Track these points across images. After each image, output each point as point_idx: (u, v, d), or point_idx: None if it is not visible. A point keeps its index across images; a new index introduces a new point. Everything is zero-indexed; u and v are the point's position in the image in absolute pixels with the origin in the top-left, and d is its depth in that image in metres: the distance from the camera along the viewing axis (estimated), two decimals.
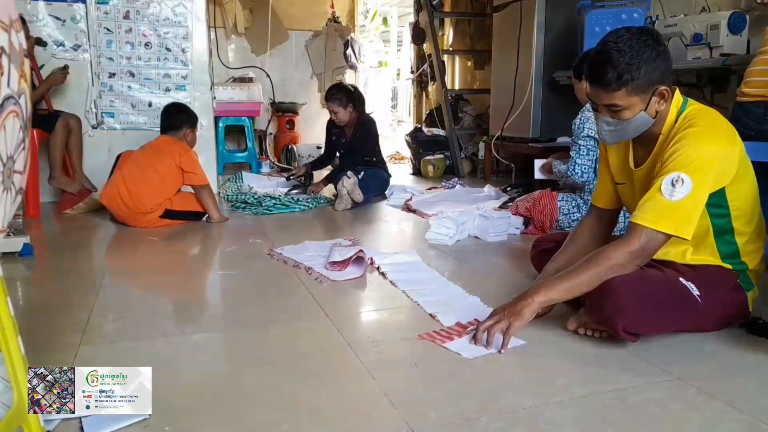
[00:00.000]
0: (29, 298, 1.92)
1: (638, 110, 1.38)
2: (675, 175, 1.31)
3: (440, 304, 1.69)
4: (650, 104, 1.38)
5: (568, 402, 1.15)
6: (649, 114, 1.39)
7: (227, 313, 1.78)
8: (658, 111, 1.40)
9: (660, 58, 1.35)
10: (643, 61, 1.32)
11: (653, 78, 1.35)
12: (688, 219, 1.32)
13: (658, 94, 1.38)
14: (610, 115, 1.41)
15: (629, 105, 1.37)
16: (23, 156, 0.91)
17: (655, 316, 1.37)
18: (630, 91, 1.35)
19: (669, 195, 1.31)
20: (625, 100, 1.36)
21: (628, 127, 1.41)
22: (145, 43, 3.62)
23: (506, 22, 4.31)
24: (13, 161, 0.87)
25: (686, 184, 1.30)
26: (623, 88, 1.34)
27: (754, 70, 2.14)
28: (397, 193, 3.61)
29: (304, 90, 6.05)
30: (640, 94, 1.36)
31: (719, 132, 1.38)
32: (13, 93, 0.85)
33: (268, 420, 1.10)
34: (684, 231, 1.32)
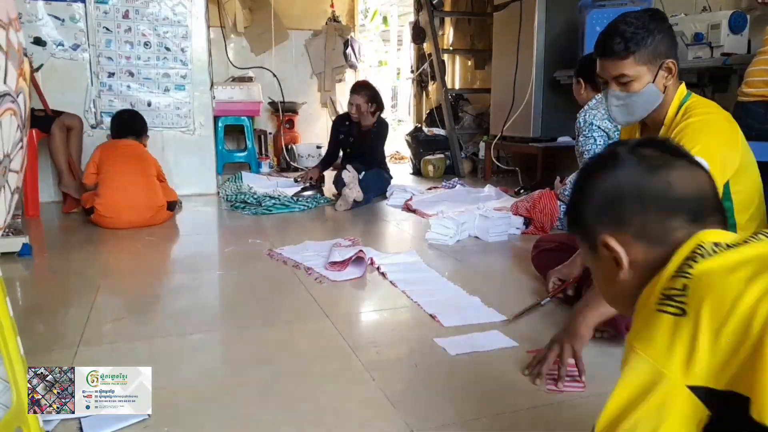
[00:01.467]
0: (28, 298, 1.92)
1: (646, 81, 1.39)
2: None
3: (440, 305, 1.68)
4: (658, 77, 1.39)
5: (569, 403, 1.15)
6: (657, 87, 1.40)
7: (227, 313, 1.78)
8: (666, 87, 1.41)
9: (666, 33, 1.38)
10: (649, 31, 1.36)
11: (660, 50, 1.38)
12: None
13: (665, 68, 1.39)
14: (619, 87, 1.42)
15: (637, 75, 1.38)
16: (20, 156, 0.91)
17: None
18: (638, 60, 1.37)
19: None
20: (633, 69, 1.38)
21: (638, 100, 1.42)
22: (145, 43, 3.62)
23: (507, 21, 4.31)
24: (10, 160, 0.86)
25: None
26: (631, 56, 1.37)
27: (755, 69, 2.14)
28: (397, 193, 3.60)
29: (303, 89, 6.05)
30: (648, 64, 1.38)
31: (719, 123, 1.39)
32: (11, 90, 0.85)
33: (268, 420, 1.09)
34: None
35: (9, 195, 0.89)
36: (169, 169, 3.76)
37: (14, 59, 0.86)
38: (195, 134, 3.80)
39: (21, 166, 0.92)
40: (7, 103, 0.84)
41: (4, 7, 0.82)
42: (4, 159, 0.84)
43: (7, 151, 0.85)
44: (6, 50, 0.83)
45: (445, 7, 5.77)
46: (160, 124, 3.71)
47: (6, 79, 0.83)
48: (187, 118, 3.76)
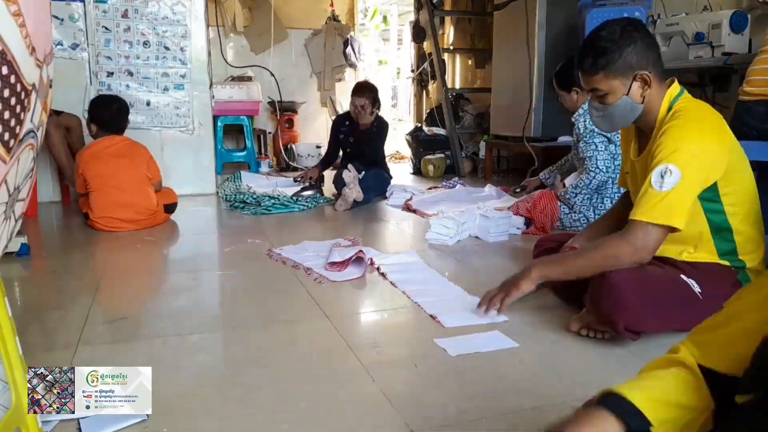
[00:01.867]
0: (27, 298, 1.91)
1: (620, 95, 1.42)
2: (663, 167, 1.33)
3: (441, 305, 1.68)
4: (632, 89, 1.42)
5: (569, 403, 1.14)
6: (633, 99, 1.43)
7: (226, 313, 1.77)
8: (644, 97, 1.43)
9: (638, 44, 1.40)
10: (618, 45, 1.39)
11: (631, 62, 1.40)
12: (679, 208, 1.33)
13: (639, 79, 1.41)
14: (596, 100, 1.47)
15: (610, 89, 1.42)
16: (29, 184, 0.90)
17: (657, 313, 1.36)
18: (608, 75, 1.41)
19: (659, 187, 1.33)
20: (605, 84, 1.42)
21: (614, 112, 1.46)
22: (144, 42, 3.61)
23: (507, 20, 4.31)
24: (19, 191, 0.86)
25: (674, 174, 1.32)
26: (600, 71, 1.41)
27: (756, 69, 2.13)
28: (397, 193, 3.60)
29: (303, 89, 6.05)
30: (619, 78, 1.41)
31: (704, 125, 1.39)
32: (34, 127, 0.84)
33: (268, 420, 1.09)
34: (676, 220, 1.33)
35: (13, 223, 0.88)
36: (168, 169, 3.76)
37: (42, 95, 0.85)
38: (194, 134, 3.79)
39: (28, 193, 0.92)
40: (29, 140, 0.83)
41: (42, 44, 0.81)
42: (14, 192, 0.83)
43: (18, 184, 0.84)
44: (38, 89, 0.82)
45: (445, 7, 5.77)
46: (159, 123, 3.70)
47: (33, 118, 0.82)
48: (186, 117, 3.76)
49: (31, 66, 0.79)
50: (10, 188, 0.82)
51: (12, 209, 0.85)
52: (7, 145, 0.75)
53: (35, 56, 0.79)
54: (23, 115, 0.78)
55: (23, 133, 0.79)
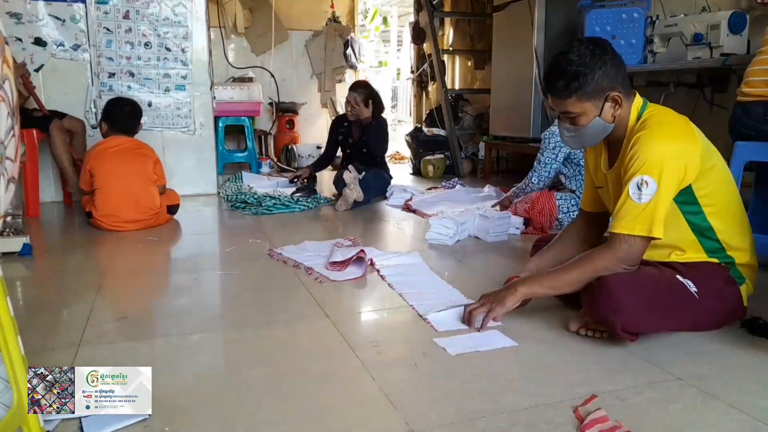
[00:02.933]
0: (29, 298, 1.92)
1: (593, 116, 1.44)
2: (638, 178, 1.36)
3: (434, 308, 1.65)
4: (604, 110, 1.43)
5: (569, 402, 1.15)
6: (605, 119, 1.44)
7: (227, 313, 1.78)
8: (615, 116, 1.45)
9: (608, 66, 1.41)
10: (590, 69, 1.39)
11: (602, 85, 1.41)
12: (658, 218, 1.36)
13: (611, 100, 1.43)
14: (568, 122, 1.47)
15: (582, 111, 1.43)
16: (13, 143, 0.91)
17: (653, 314, 1.37)
18: (580, 98, 1.41)
19: (637, 199, 1.36)
20: (577, 107, 1.43)
21: (586, 132, 1.47)
22: (145, 43, 3.62)
23: (506, 21, 4.31)
24: (4, 147, 0.86)
25: (651, 185, 1.34)
26: (573, 95, 1.41)
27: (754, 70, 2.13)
28: (397, 193, 3.60)
29: (303, 90, 6.06)
30: (591, 100, 1.42)
31: (672, 130, 1.41)
32: None
33: (268, 420, 1.10)
34: (657, 231, 1.36)
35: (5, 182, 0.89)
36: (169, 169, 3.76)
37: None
38: (195, 134, 3.80)
39: (15, 155, 0.92)
40: None
41: None
42: None
43: (0, 138, 0.85)
44: None
45: (445, 8, 5.77)
46: (160, 124, 3.71)
47: None
48: (188, 118, 3.77)
49: None
50: None
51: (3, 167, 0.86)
52: None
53: None
54: None
55: None
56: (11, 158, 0.90)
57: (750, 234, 1.52)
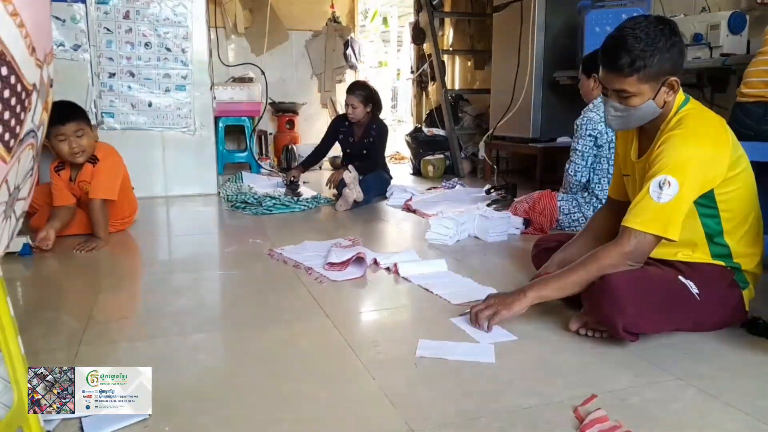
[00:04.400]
0: (29, 298, 1.92)
1: (647, 98, 1.39)
2: (662, 177, 1.34)
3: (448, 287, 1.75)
4: (659, 94, 1.39)
5: (568, 402, 1.15)
6: (657, 104, 1.41)
7: (227, 313, 1.78)
8: (666, 102, 1.42)
9: (674, 49, 1.36)
10: (658, 49, 1.34)
11: (665, 68, 1.36)
12: (675, 220, 1.35)
13: (668, 85, 1.39)
14: (618, 100, 1.42)
15: (639, 92, 1.38)
16: (29, 183, 0.90)
17: (655, 314, 1.37)
18: (641, 79, 1.36)
19: (657, 197, 1.34)
20: (635, 87, 1.38)
21: (635, 114, 1.43)
22: (145, 43, 3.62)
23: (506, 22, 4.31)
24: (19, 190, 0.86)
25: (673, 187, 1.33)
26: (635, 74, 1.36)
27: (753, 70, 2.14)
28: (397, 193, 3.60)
29: (304, 90, 6.06)
30: (650, 83, 1.37)
31: (707, 135, 1.39)
32: (35, 126, 0.84)
33: (268, 420, 1.10)
34: (671, 232, 1.35)
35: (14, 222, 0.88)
36: (169, 170, 3.78)
37: (43, 95, 0.85)
38: (195, 134, 3.80)
39: (29, 193, 0.92)
40: (29, 140, 0.83)
41: (42, 44, 0.82)
42: (14, 191, 0.84)
43: (17, 184, 0.84)
44: (39, 89, 0.82)
45: (444, 8, 5.77)
46: (160, 124, 3.71)
47: (34, 118, 0.82)
48: (188, 118, 3.77)
49: (31, 66, 0.79)
50: (11, 187, 0.82)
51: (12, 208, 0.86)
52: (7, 145, 0.76)
53: (35, 56, 0.80)
54: (23, 115, 0.79)
55: (23, 133, 0.80)
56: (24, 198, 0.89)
57: (762, 243, 1.50)
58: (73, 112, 2.41)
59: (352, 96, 3.61)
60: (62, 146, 2.38)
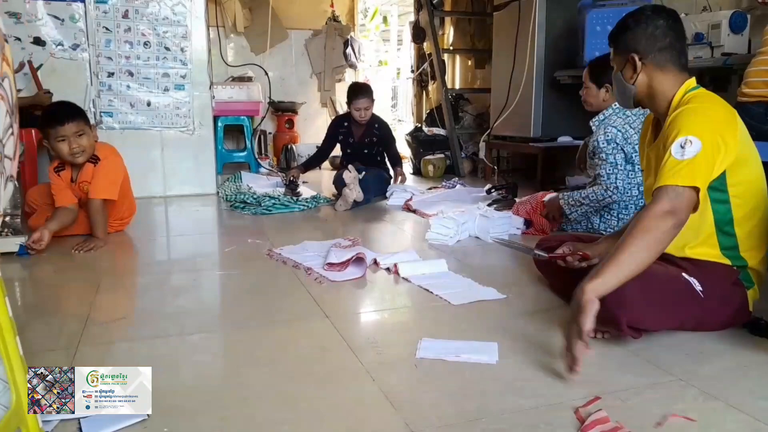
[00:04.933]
0: (28, 298, 1.91)
1: (617, 71, 1.53)
2: (683, 138, 1.33)
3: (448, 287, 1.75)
4: (625, 69, 1.50)
5: (569, 403, 1.15)
6: (625, 77, 1.51)
7: (227, 313, 1.77)
8: (633, 79, 1.49)
9: (649, 29, 1.45)
10: (628, 26, 1.48)
11: (630, 45, 1.47)
12: (706, 173, 1.32)
13: (630, 60, 1.48)
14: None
15: (615, 64, 1.54)
16: (12, 142, 0.90)
17: (659, 311, 1.37)
18: (615, 50, 1.53)
19: (680, 156, 1.32)
20: (615, 59, 1.54)
21: (618, 87, 1.56)
22: (144, 43, 3.62)
23: (507, 21, 4.31)
24: (3, 145, 0.86)
25: (694, 144, 1.32)
26: (612, 44, 1.54)
27: (754, 70, 2.14)
28: (397, 193, 3.60)
29: (303, 89, 6.05)
30: (619, 56, 1.52)
31: (717, 107, 1.42)
32: None
33: (268, 420, 1.09)
34: (700, 181, 1.30)
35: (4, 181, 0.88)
36: (168, 169, 3.77)
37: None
38: (194, 134, 3.80)
39: (14, 153, 0.92)
40: None
41: None
42: None
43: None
44: None
45: (445, 7, 5.77)
46: (159, 123, 3.71)
47: None
48: (187, 117, 3.76)
49: None
50: None
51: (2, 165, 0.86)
52: None
53: None
54: None
55: None
56: (10, 156, 0.90)
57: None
58: (72, 112, 2.40)
59: (364, 99, 3.56)
60: (62, 147, 2.37)
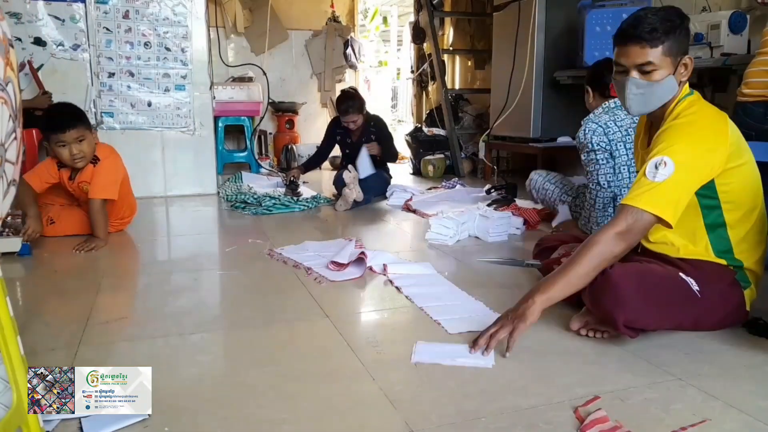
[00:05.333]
0: (29, 298, 1.92)
1: (667, 73, 1.42)
2: (658, 158, 1.35)
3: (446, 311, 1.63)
4: (677, 70, 1.43)
5: (568, 402, 1.15)
6: (675, 80, 1.44)
7: (227, 313, 1.78)
8: (680, 82, 1.45)
9: (686, 31, 1.44)
10: (676, 26, 1.40)
11: (682, 45, 1.43)
12: (671, 200, 1.33)
13: (683, 64, 1.44)
14: (641, 75, 1.43)
15: (661, 65, 1.41)
16: (15, 146, 0.91)
17: (656, 310, 1.37)
18: (665, 51, 1.40)
19: (652, 177, 1.34)
20: (659, 59, 1.40)
21: (657, 90, 1.43)
22: (145, 43, 3.62)
23: (506, 21, 4.31)
24: (5, 149, 0.87)
25: (668, 167, 1.33)
26: (660, 44, 1.39)
27: (753, 71, 2.14)
28: (397, 193, 3.60)
29: (303, 89, 6.05)
30: (671, 57, 1.41)
31: (705, 124, 1.41)
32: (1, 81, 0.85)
33: (268, 420, 1.10)
34: (667, 213, 1.32)
35: (6, 185, 0.89)
36: (169, 169, 3.78)
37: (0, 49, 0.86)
38: (195, 134, 3.80)
39: (17, 158, 0.92)
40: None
41: None
42: None
43: (1, 140, 0.85)
44: None
45: (445, 8, 5.77)
46: (160, 124, 3.71)
47: None
48: (187, 118, 3.77)
49: None
50: None
51: (2, 169, 0.86)
52: None
53: None
54: None
55: None
56: (12, 161, 0.90)
57: (765, 242, 1.50)
58: (73, 118, 2.40)
59: (351, 114, 3.52)
60: (63, 152, 2.38)
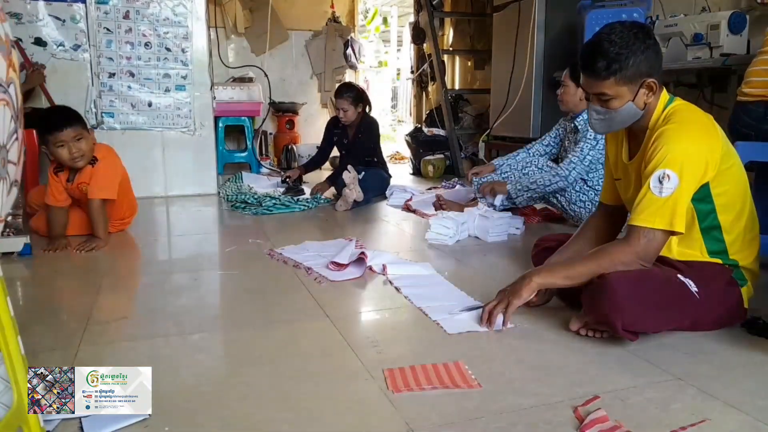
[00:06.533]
0: (29, 298, 1.92)
1: (626, 100, 1.43)
2: (661, 172, 1.35)
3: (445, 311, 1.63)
4: (638, 95, 1.43)
5: (568, 402, 1.15)
6: (637, 105, 1.44)
7: (227, 313, 1.78)
8: (646, 103, 1.45)
9: (649, 51, 1.40)
10: (632, 52, 1.38)
11: (642, 70, 1.40)
12: (679, 213, 1.36)
13: (646, 86, 1.43)
14: (599, 104, 1.46)
15: (617, 94, 1.42)
16: (16, 147, 0.91)
17: (654, 313, 1.37)
18: (618, 81, 1.40)
19: (659, 192, 1.36)
20: (613, 90, 1.42)
21: (616, 116, 1.46)
22: (145, 43, 3.62)
23: (506, 22, 4.31)
24: (7, 150, 0.87)
25: (672, 179, 1.35)
26: (612, 77, 1.40)
27: (754, 70, 2.14)
28: (397, 193, 3.60)
29: (303, 90, 6.06)
30: (629, 85, 1.41)
31: (696, 127, 1.42)
32: (2, 81, 0.85)
33: (268, 420, 1.10)
34: (678, 225, 1.36)
35: (8, 186, 0.89)
36: (169, 170, 3.78)
37: (2, 50, 0.86)
38: (195, 134, 3.80)
39: (18, 159, 0.92)
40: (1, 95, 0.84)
41: None
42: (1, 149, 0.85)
43: (3, 142, 0.86)
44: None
45: (444, 8, 5.77)
46: (160, 124, 3.72)
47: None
48: (188, 118, 3.77)
49: None
50: None
51: (5, 170, 0.86)
52: None
53: None
54: None
55: None
56: (14, 162, 0.90)
57: (758, 239, 1.51)
58: (70, 117, 2.40)
59: (341, 99, 3.57)
60: (62, 152, 2.38)
